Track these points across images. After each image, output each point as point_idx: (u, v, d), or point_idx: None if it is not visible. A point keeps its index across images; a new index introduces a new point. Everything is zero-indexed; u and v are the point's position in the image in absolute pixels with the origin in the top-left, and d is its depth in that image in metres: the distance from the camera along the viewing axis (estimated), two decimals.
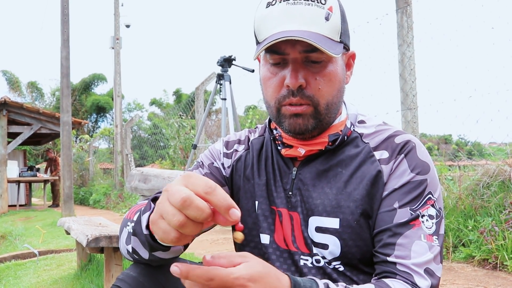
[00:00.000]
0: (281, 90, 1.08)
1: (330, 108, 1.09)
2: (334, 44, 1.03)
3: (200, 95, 7.52)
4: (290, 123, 1.09)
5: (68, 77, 9.43)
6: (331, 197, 1.10)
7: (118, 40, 14.11)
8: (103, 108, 34.29)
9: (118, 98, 14.11)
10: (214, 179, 1.24)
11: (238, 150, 1.29)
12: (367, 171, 1.09)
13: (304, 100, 1.06)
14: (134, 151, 14.44)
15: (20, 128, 13.73)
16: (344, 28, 1.08)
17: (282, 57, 1.06)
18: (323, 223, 1.09)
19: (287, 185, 1.16)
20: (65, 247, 5.92)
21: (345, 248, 1.07)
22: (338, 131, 1.14)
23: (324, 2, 1.03)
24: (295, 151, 1.14)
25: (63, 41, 9.37)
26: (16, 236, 8.10)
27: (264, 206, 1.18)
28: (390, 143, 1.11)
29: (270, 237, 1.16)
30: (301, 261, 1.12)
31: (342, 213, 1.08)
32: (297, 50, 1.03)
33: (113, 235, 2.73)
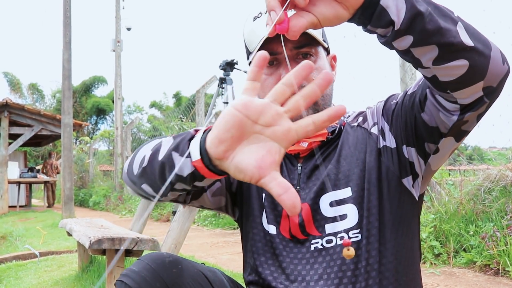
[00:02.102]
0: None
1: (325, 99, 1.19)
2: (318, 40, 1.15)
3: (200, 98, 7.53)
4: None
5: (70, 79, 9.45)
6: (335, 171, 1.17)
7: (119, 43, 14.13)
8: (103, 110, 34.31)
9: (119, 100, 14.12)
10: None
11: None
12: (354, 137, 1.20)
13: None
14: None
15: (21, 130, 13.76)
16: (323, 32, 1.21)
17: (275, 57, 1.14)
18: (336, 196, 1.15)
19: (294, 181, 1.21)
20: (65, 248, 5.92)
21: (361, 211, 1.12)
22: (334, 123, 1.22)
23: None
24: (298, 145, 1.21)
25: (65, 44, 9.39)
26: (16, 237, 8.10)
27: (270, 199, 1.23)
28: (360, 113, 1.26)
29: (276, 228, 1.20)
30: (312, 246, 1.16)
31: (351, 181, 1.14)
32: (288, 48, 1.13)
33: (115, 237, 2.74)
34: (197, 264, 1.18)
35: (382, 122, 1.17)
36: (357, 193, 1.13)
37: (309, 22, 0.78)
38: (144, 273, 1.08)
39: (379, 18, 0.82)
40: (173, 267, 1.11)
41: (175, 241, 2.95)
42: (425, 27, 0.83)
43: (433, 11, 0.85)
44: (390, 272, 1.12)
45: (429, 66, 0.89)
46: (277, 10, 0.76)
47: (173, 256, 1.14)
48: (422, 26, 0.83)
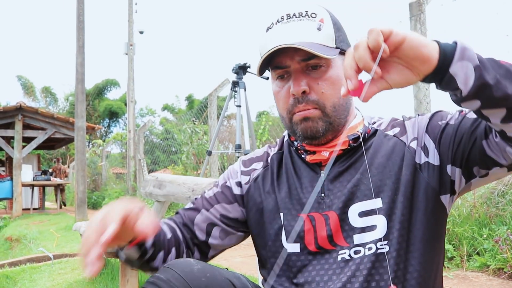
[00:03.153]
0: (289, 101, 1.18)
1: (337, 110, 1.17)
2: (328, 49, 1.13)
3: (213, 101, 7.56)
4: (301, 128, 1.18)
5: (83, 83, 9.53)
6: (366, 182, 1.15)
7: (131, 46, 14.21)
8: (115, 113, 34.52)
9: (132, 103, 14.20)
10: (224, 197, 1.34)
11: (257, 168, 1.35)
12: (388, 148, 1.19)
13: (310, 104, 1.15)
14: (146, 156, 14.52)
15: (35, 133, 13.88)
16: (340, 36, 1.18)
17: (285, 70, 1.17)
18: (366, 206, 1.15)
19: (318, 189, 1.20)
20: (79, 251, 5.97)
21: (390, 223, 1.12)
22: (355, 131, 1.22)
23: (315, 15, 1.15)
24: (320, 155, 1.21)
25: (78, 48, 9.47)
26: (30, 239, 8.18)
27: (290, 217, 1.22)
28: (393, 122, 1.25)
29: (301, 244, 1.19)
30: (339, 257, 1.15)
31: (382, 192, 1.14)
32: (296, 60, 1.14)
33: None
34: (223, 271, 1.16)
35: (425, 139, 1.16)
36: (388, 204, 1.13)
37: (380, 89, 0.87)
38: (172, 282, 1.04)
39: (447, 84, 0.88)
40: (201, 275, 1.08)
41: None
42: (492, 95, 0.87)
43: (503, 77, 0.88)
44: (416, 285, 1.12)
45: (497, 123, 0.93)
46: (353, 80, 0.84)
47: (200, 263, 1.12)
48: (489, 94, 0.87)
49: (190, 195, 3.04)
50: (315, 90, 1.15)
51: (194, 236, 1.32)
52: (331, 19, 1.18)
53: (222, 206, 1.33)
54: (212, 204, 1.34)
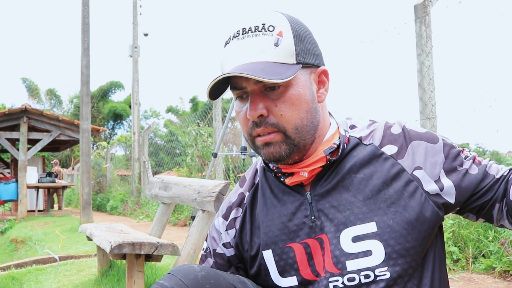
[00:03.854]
0: (248, 123, 1.10)
1: (301, 131, 1.08)
2: (285, 68, 1.03)
3: (217, 104, 7.57)
4: (264, 153, 1.11)
5: (88, 85, 9.56)
6: (358, 204, 1.09)
7: (136, 48, 14.26)
8: (120, 115, 34.60)
9: (136, 106, 14.24)
10: (221, 266, 1.27)
11: (237, 216, 1.27)
12: (384, 169, 1.11)
13: (269, 128, 1.07)
14: (150, 158, 14.54)
15: (40, 135, 13.94)
16: (302, 48, 1.08)
17: (243, 91, 1.08)
18: (360, 231, 1.08)
19: (306, 212, 1.13)
20: (84, 252, 5.98)
21: (388, 248, 1.06)
22: (332, 144, 1.14)
23: (272, 29, 1.05)
24: (299, 176, 1.13)
25: (83, 50, 9.51)
26: (35, 241, 8.21)
27: (279, 251, 1.15)
28: (390, 136, 1.15)
29: (297, 277, 1.14)
30: (330, 285, 1.09)
31: (376, 215, 1.07)
32: (252, 81, 1.05)
33: (135, 242, 2.77)
34: (228, 276, 1.13)
35: (441, 176, 1.11)
36: (383, 229, 1.07)
37: None
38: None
39: None
40: (206, 282, 1.05)
41: (194, 246, 2.97)
42: None
43: None
44: None
45: None
46: None
47: (205, 270, 1.09)
48: None
49: (196, 197, 3.05)
50: (273, 112, 1.06)
51: None
52: (292, 30, 1.07)
53: None
54: None
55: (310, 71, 1.11)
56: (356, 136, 1.16)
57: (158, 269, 3.91)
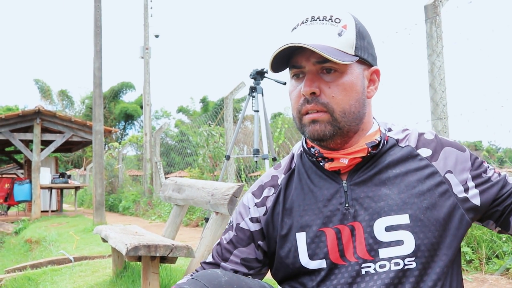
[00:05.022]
0: (299, 100, 1.18)
1: (348, 116, 1.17)
2: (343, 55, 1.12)
3: (229, 104, 7.60)
4: (309, 130, 1.18)
5: (101, 87, 9.63)
6: (394, 197, 1.16)
7: (147, 50, 14.34)
8: (131, 116, 34.78)
9: (148, 106, 14.32)
10: (240, 240, 1.32)
11: (269, 195, 1.33)
12: (419, 168, 1.19)
13: (318, 106, 1.15)
14: (162, 158, 14.62)
15: (53, 136, 14.06)
16: (362, 45, 1.18)
17: (300, 70, 1.17)
18: (393, 221, 1.15)
19: (341, 199, 1.19)
20: (98, 253, 6.04)
21: (418, 240, 1.13)
22: (373, 139, 1.21)
23: (339, 21, 1.16)
24: (338, 162, 1.20)
25: (96, 52, 9.58)
26: (50, 241, 8.30)
27: (312, 234, 1.20)
28: (424, 141, 1.24)
29: (326, 260, 1.18)
30: (362, 270, 1.15)
31: (409, 208, 1.14)
32: (311, 62, 1.14)
33: (151, 244, 2.81)
34: (250, 281, 1.18)
35: (468, 180, 1.20)
36: (415, 222, 1.14)
37: None
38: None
39: None
40: (229, 287, 1.11)
41: (208, 248, 3.01)
42: None
43: None
44: None
45: None
46: None
47: (227, 275, 1.15)
48: None
49: (210, 200, 3.08)
50: (325, 93, 1.15)
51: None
52: (356, 27, 1.17)
53: (240, 250, 1.32)
54: (231, 251, 1.33)
55: (364, 67, 1.20)
56: (394, 137, 1.25)
57: (172, 270, 3.95)
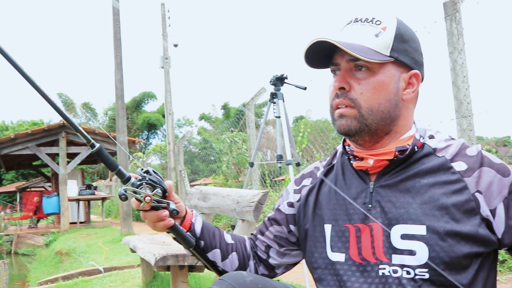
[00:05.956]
0: (332, 95, 1.23)
1: (375, 114, 1.18)
2: (376, 54, 1.16)
3: (250, 111, 7.60)
4: (337, 124, 1.23)
5: (123, 98, 9.76)
6: (415, 206, 1.15)
7: (167, 59, 14.46)
8: (153, 125, 35.13)
9: (170, 115, 14.42)
10: (276, 220, 1.45)
11: (307, 184, 1.41)
12: (448, 181, 1.16)
13: (346, 101, 1.19)
14: (186, 166, 14.70)
15: (78, 149, 14.30)
16: (401, 47, 1.19)
17: (337, 67, 1.22)
18: (409, 230, 1.14)
19: (365, 199, 1.22)
20: (127, 263, 6.11)
21: (432, 253, 1.11)
22: (405, 144, 1.20)
23: (379, 23, 1.19)
24: (365, 162, 1.22)
25: (116, 65, 9.71)
26: (79, 253, 8.43)
27: (337, 228, 1.25)
28: (464, 155, 1.19)
29: (346, 255, 1.22)
30: (380, 271, 1.16)
31: (428, 220, 1.13)
32: (345, 59, 1.19)
33: (179, 254, 2.84)
34: (274, 282, 1.23)
35: (498, 208, 1.13)
36: (432, 235, 1.12)
37: None
38: None
39: None
40: (254, 286, 1.16)
41: None
42: None
43: None
44: None
45: None
46: None
47: (252, 275, 1.21)
48: None
49: (235, 207, 3.09)
50: (355, 89, 1.18)
51: (257, 254, 1.48)
52: (397, 30, 1.19)
53: (275, 228, 1.45)
54: (267, 227, 1.47)
55: (402, 69, 1.21)
56: (431, 146, 1.22)
57: (201, 278, 3.98)
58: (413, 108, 1.26)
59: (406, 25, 1.23)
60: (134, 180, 1.19)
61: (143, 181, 1.19)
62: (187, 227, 1.35)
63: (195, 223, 1.37)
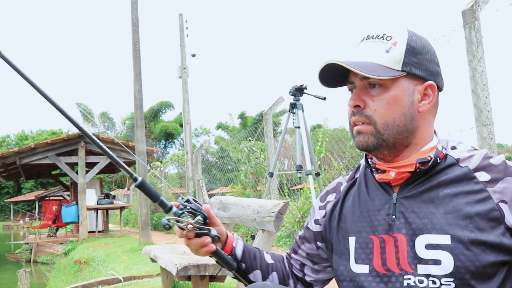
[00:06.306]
0: (350, 113, 1.27)
1: (391, 129, 1.20)
2: (386, 71, 1.18)
3: (268, 120, 7.63)
4: (356, 141, 1.26)
5: (142, 109, 9.85)
6: (438, 216, 1.15)
7: (185, 69, 14.57)
8: (171, 134, 35.36)
9: (188, 125, 14.52)
10: (306, 238, 1.49)
11: (331, 200, 1.45)
12: (472, 191, 1.16)
13: (362, 118, 1.22)
14: (203, 175, 14.76)
15: (97, 158, 14.44)
16: (413, 60, 1.20)
17: (353, 86, 1.25)
18: (434, 240, 1.14)
19: (389, 210, 1.23)
20: (146, 273, 6.14)
21: (457, 262, 1.11)
22: (427, 155, 1.21)
23: (390, 38, 1.22)
24: (387, 175, 1.24)
25: (135, 75, 9.81)
26: (98, 262, 8.48)
27: (361, 239, 1.27)
28: (487, 165, 1.19)
29: (369, 266, 1.23)
30: (404, 282, 1.16)
31: (452, 229, 1.13)
32: (358, 77, 1.22)
33: (200, 264, 2.86)
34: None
35: None
36: (456, 244, 1.12)
37: None
38: None
39: None
40: None
41: None
42: None
43: None
44: None
45: None
46: None
47: (277, 286, 1.24)
48: None
49: (256, 217, 3.10)
50: (369, 106, 1.21)
51: (293, 273, 1.53)
52: (408, 43, 1.21)
53: (306, 246, 1.49)
54: (299, 245, 1.51)
55: (416, 82, 1.22)
56: (454, 156, 1.23)
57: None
58: (432, 119, 1.27)
59: (419, 36, 1.25)
60: (176, 209, 1.25)
61: (184, 209, 1.25)
62: (229, 251, 1.40)
63: (236, 247, 1.42)
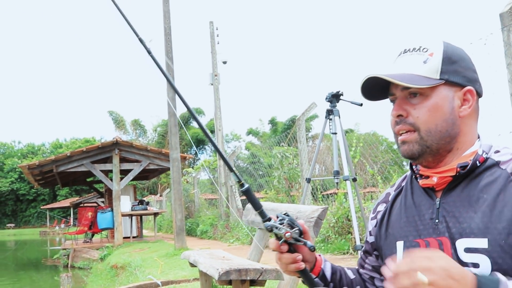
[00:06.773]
0: (393, 122, 1.31)
1: (434, 135, 1.25)
2: (426, 80, 1.23)
3: (301, 126, 7.66)
4: (401, 151, 1.31)
5: (175, 116, 10.00)
6: (477, 220, 1.18)
7: (216, 76, 14.73)
8: (202, 141, 35.65)
9: (220, 132, 14.66)
10: (367, 251, 1.56)
11: (381, 210, 1.51)
12: (509, 195, 1.17)
13: (406, 126, 1.27)
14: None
15: (130, 165, 14.69)
16: (450, 69, 1.26)
17: (394, 97, 1.31)
18: (472, 243, 1.17)
19: (433, 215, 1.27)
20: (183, 277, 6.22)
21: (495, 266, 1.13)
22: (467, 160, 1.24)
23: (426, 50, 1.28)
24: (430, 180, 1.28)
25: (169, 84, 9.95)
26: (135, 267, 8.62)
27: (408, 243, 1.31)
28: None
29: None
30: None
31: (490, 233, 1.15)
32: (399, 88, 1.28)
33: (241, 268, 2.90)
34: None
35: None
36: (494, 247, 1.14)
37: None
38: None
39: None
40: None
41: None
42: None
43: None
44: None
45: None
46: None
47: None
48: None
49: None
50: (412, 114, 1.26)
51: (366, 286, 1.58)
52: (444, 53, 1.26)
53: (369, 259, 1.56)
54: (364, 260, 1.58)
55: (455, 88, 1.27)
56: (495, 159, 1.25)
57: None
58: (474, 123, 1.30)
59: (454, 46, 1.30)
60: (273, 221, 1.29)
61: (284, 220, 1.30)
62: (317, 273, 1.46)
63: (325, 269, 1.48)
